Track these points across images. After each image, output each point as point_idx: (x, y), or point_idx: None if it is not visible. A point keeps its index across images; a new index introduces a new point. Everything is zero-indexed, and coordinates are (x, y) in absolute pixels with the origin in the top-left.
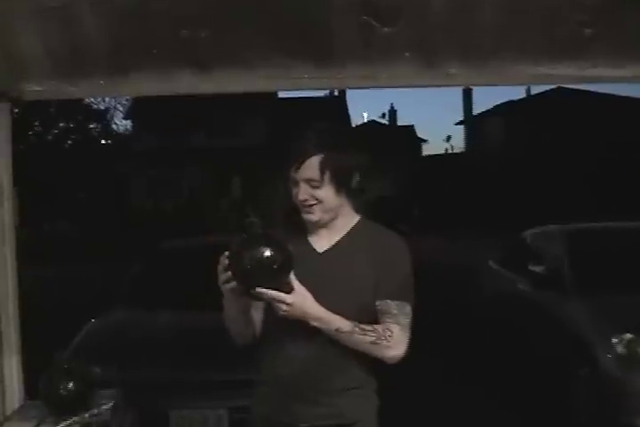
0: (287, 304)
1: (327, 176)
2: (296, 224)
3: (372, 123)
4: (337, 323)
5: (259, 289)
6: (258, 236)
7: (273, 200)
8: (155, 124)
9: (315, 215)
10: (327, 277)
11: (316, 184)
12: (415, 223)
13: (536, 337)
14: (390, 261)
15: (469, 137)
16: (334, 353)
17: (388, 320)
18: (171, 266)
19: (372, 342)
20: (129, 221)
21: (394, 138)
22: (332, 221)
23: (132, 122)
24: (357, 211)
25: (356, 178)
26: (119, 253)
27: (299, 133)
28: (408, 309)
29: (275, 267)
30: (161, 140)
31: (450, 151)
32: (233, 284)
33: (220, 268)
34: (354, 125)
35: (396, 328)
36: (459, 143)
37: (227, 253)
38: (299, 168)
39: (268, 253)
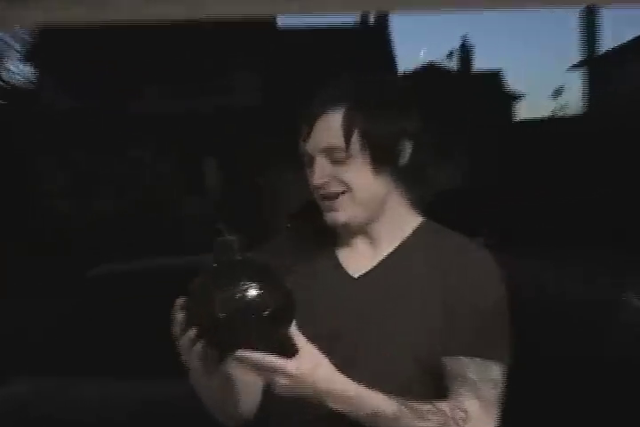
0: (288, 375)
1: (357, 143)
2: (316, 233)
3: (431, 67)
4: (372, 403)
5: (239, 353)
6: (235, 264)
7: (274, 195)
8: (75, 73)
9: (341, 213)
10: (363, 321)
11: (339, 157)
12: (504, 233)
13: None
14: (471, 294)
15: (593, 90)
16: None
17: (461, 392)
18: (105, 307)
19: None
20: (33, 234)
21: (467, 92)
22: (374, 224)
23: (38, 68)
24: (417, 209)
25: (407, 150)
26: (17, 285)
27: (313, 85)
28: (496, 372)
29: (265, 315)
30: (86, 101)
31: (560, 114)
32: (199, 346)
33: (176, 321)
34: (402, 72)
35: (473, 405)
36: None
37: (183, 298)
38: (310, 133)
39: (252, 292)
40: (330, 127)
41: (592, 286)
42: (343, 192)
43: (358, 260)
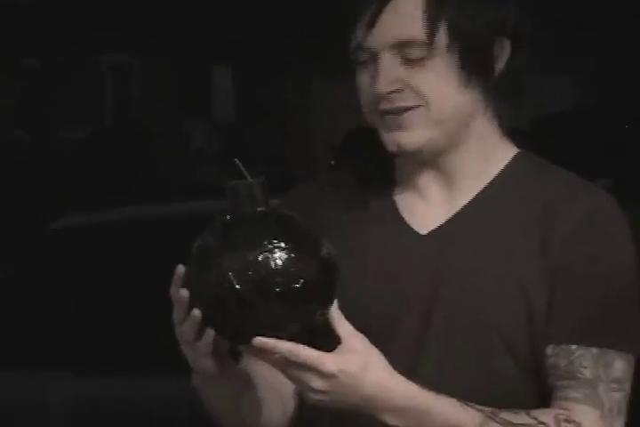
0: (326, 375)
1: (443, 35)
2: (369, 172)
3: None
4: (445, 417)
5: (259, 340)
6: (256, 217)
7: (308, 118)
8: None
9: (413, 133)
10: (434, 297)
11: (417, 53)
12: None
13: None
14: (589, 257)
15: None
16: None
17: (571, 395)
18: (73, 270)
19: None
20: None
21: None
22: (451, 155)
23: None
24: (511, 137)
25: (505, 53)
26: None
27: None
28: (621, 367)
29: (295, 287)
30: None
31: None
32: (208, 336)
33: (174, 299)
34: None
35: (589, 415)
36: None
37: (183, 267)
38: (376, 20)
39: (279, 256)
40: (407, 13)
41: None
42: (416, 106)
43: (427, 209)
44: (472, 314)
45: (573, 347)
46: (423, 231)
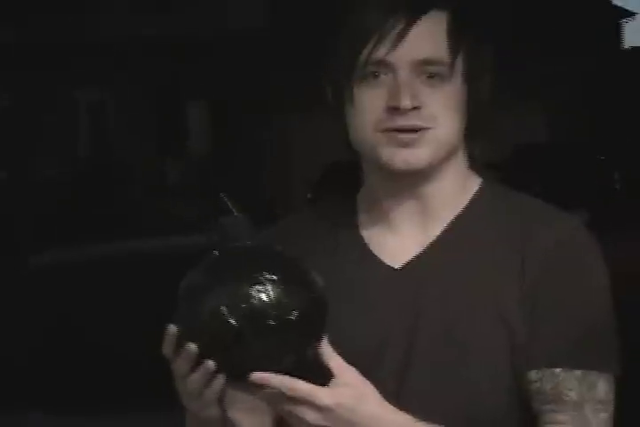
0: (321, 408)
1: (462, 58)
2: (344, 206)
3: None
4: None
5: (256, 375)
6: (245, 251)
7: (285, 153)
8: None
9: (421, 151)
10: (413, 329)
11: (439, 71)
12: (611, 205)
13: None
14: (561, 279)
15: None
16: None
17: (558, 419)
18: (53, 306)
19: None
20: None
21: (558, 9)
22: (432, 183)
23: None
24: (476, 168)
25: (491, 76)
26: None
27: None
28: (604, 388)
29: (290, 319)
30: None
31: None
32: (218, 382)
33: (167, 337)
34: None
35: None
36: None
37: (174, 327)
38: (402, 36)
39: (271, 289)
40: (434, 34)
41: None
42: (427, 128)
43: (399, 242)
44: (453, 348)
45: (557, 370)
46: (396, 265)
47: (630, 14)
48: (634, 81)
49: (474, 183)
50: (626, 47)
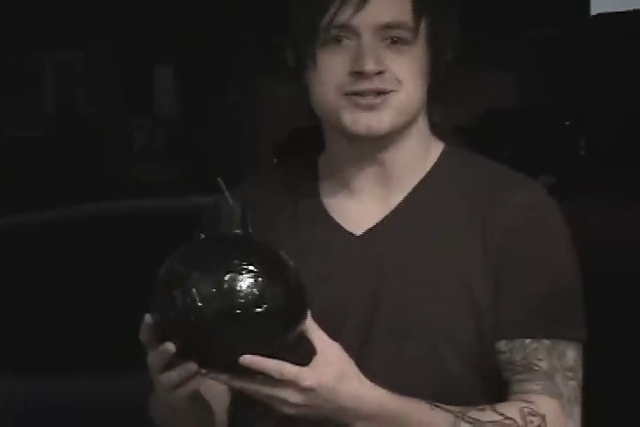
0: (304, 391)
1: (425, 22)
2: (307, 170)
3: None
4: (415, 417)
5: (247, 357)
6: (229, 239)
7: (253, 116)
8: None
9: (383, 116)
10: (377, 295)
11: (403, 35)
12: (576, 171)
13: None
14: (526, 246)
15: None
16: None
17: (529, 388)
18: (15, 269)
19: None
20: None
21: None
22: (393, 150)
23: None
24: (439, 135)
25: (455, 41)
26: None
27: None
28: (573, 356)
29: (257, 312)
30: None
31: None
32: (184, 370)
33: (144, 324)
34: None
35: (549, 405)
36: None
37: (149, 316)
38: (365, 1)
39: (244, 279)
40: None
41: None
42: (393, 91)
43: (360, 209)
44: (415, 314)
45: (527, 341)
46: (358, 232)
47: None
48: (600, 47)
49: (436, 149)
50: (592, 14)
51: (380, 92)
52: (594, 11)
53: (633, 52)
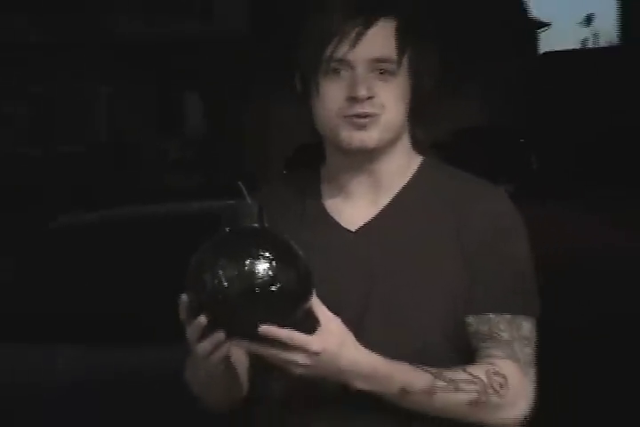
0: (310, 354)
1: (407, 57)
2: (309, 179)
3: None
4: (401, 378)
5: (264, 328)
6: (249, 232)
7: (268, 134)
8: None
9: (372, 133)
10: (368, 282)
11: (389, 68)
12: (530, 180)
13: None
14: (491, 240)
15: (630, 16)
16: (404, 419)
17: (494, 353)
18: (69, 261)
19: (473, 403)
20: None
21: (485, 18)
22: (381, 161)
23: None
24: (419, 149)
25: (435, 73)
26: None
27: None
28: (528, 328)
29: (272, 290)
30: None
31: (593, 44)
32: (214, 340)
33: (181, 302)
34: None
35: (510, 368)
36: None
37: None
38: (359, 37)
39: (261, 264)
40: (385, 37)
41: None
42: (378, 114)
43: (354, 210)
44: (403, 296)
45: (491, 315)
46: (353, 228)
47: (545, 24)
48: (548, 79)
49: (416, 161)
50: (541, 52)
51: (369, 115)
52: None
53: (577, 85)
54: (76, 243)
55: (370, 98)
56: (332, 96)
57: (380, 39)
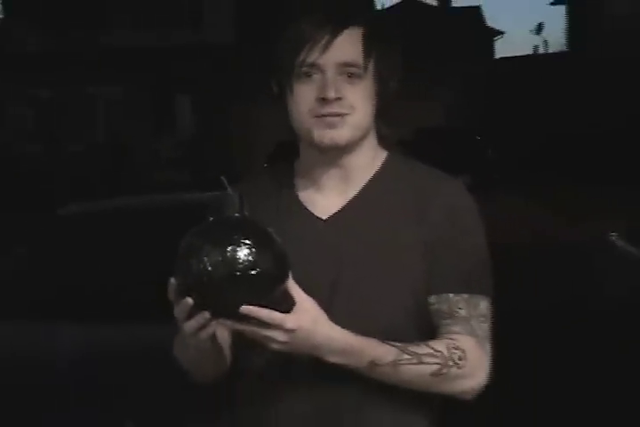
0: (287, 331)
1: (372, 62)
2: (285, 173)
3: (409, 2)
4: (370, 352)
5: (245, 307)
6: (231, 221)
7: (252, 134)
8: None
9: (342, 131)
10: (339, 265)
11: (355, 71)
12: (487, 172)
13: None
14: (450, 227)
15: (576, 25)
16: (371, 389)
17: (453, 329)
18: (76, 246)
19: (435, 374)
20: (3, 176)
21: (448, 28)
22: (350, 156)
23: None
24: (385, 145)
25: (399, 76)
26: None
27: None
28: (484, 306)
29: (251, 274)
30: (54, 37)
31: (542, 50)
32: (200, 319)
33: (170, 284)
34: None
35: (468, 342)
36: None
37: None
38: (329, 44)
39: (242, 250)
40: (352, 42)
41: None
42: (347, 113)
43: (326, 200)
44: (369, 278)
45: (451, 295)
46: (324, 217)
47: (500, 33)
48: (502, 82)
49: (382, 156)
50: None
51: (338, 115)
52: (497, 55)
53: (528, 87)
54: (83, 228)
55: (338, 99)
56: (304, 97)
57: (347, 45)
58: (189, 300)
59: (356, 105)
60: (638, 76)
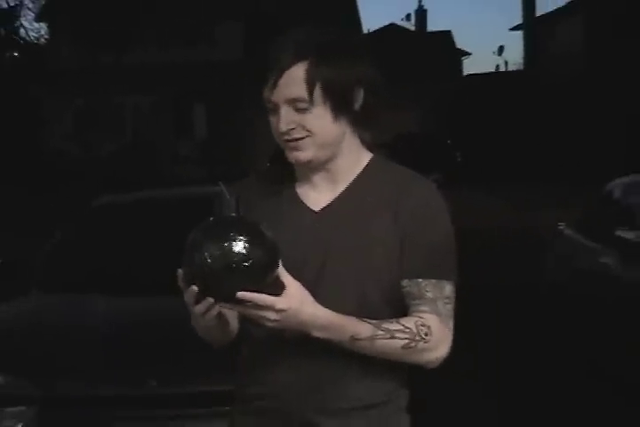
0: (278, 311)
1: (318, 93)
2: (282, 172)
3: (391, 27)
4: (350, 328)
5: (241, 293)
6: (229, 220)
7: (258, 139)
8: (81, 28)
9: (304, 153)
10: (327, 251)
11: (302, 106)
12: (454, 172)
13: (627, 328)
14: (421, 221)
15: (532, 48)
16: (350, 360)
17: (421, 309)
18: (107, 231)
19: (405, 347)
20: (47, 171)
21: (423, 49)
22: (332, 162)
23: (49, 26)
24: (369, 148)
25: (360, 97)
26: (32, 214)
27: (277, 40)
28: (449, 290)
29: (245, 265)
30: (91, 54)
31: (503, 68)
32: (205, 304)
33: (179, 275)
34: (366, 31)
35: (434, 320)
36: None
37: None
38: (276, 84)
39: (237, 245)
40: (295, 80)
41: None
42: (305, 137)
43: (318, 195)
44: (352, 268)
45: (420, 280)
46: (316, 209)
47: (467, 53)
48: (469, 95)
49: (367, 157)
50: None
51: (297, 139)
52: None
53: (491, 100)
54: (114, 217)
55: (291, 129)
56: (274, 126)
57: (291, 82)
58: (194, 287)
59: (314, 129)
60: (578, 90)
